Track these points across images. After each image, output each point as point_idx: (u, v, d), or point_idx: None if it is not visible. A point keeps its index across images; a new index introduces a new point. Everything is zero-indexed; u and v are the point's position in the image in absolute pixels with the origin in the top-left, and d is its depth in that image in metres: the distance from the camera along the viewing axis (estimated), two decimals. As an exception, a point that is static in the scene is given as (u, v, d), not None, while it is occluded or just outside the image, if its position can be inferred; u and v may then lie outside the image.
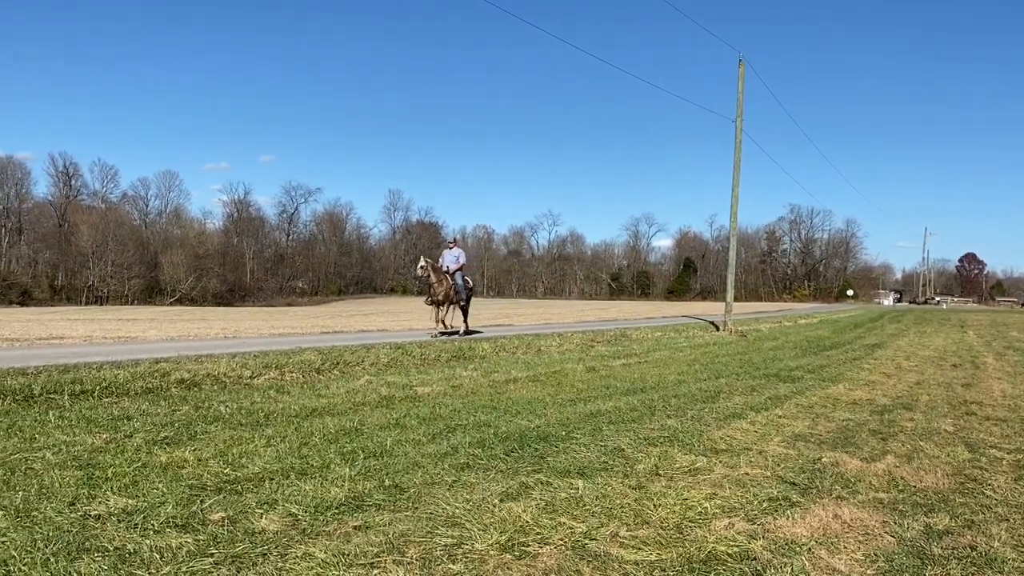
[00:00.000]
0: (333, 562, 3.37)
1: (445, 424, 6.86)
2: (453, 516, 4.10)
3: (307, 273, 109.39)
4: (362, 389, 8.93)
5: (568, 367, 11.79)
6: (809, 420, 7.74)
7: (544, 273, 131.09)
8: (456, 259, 18.42)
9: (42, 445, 5.57)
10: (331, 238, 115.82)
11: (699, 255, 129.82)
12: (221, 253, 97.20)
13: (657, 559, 3.61)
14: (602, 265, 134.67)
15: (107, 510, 4.06)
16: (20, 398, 7.42)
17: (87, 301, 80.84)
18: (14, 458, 5.16)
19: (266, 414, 7.15)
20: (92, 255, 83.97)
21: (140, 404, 7.49)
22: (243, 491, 4.51)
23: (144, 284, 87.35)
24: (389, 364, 11.50)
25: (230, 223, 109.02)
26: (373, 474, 4.97)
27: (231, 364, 10.02)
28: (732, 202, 24.20)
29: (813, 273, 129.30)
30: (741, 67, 24.09)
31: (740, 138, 23.94)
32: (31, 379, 8.12)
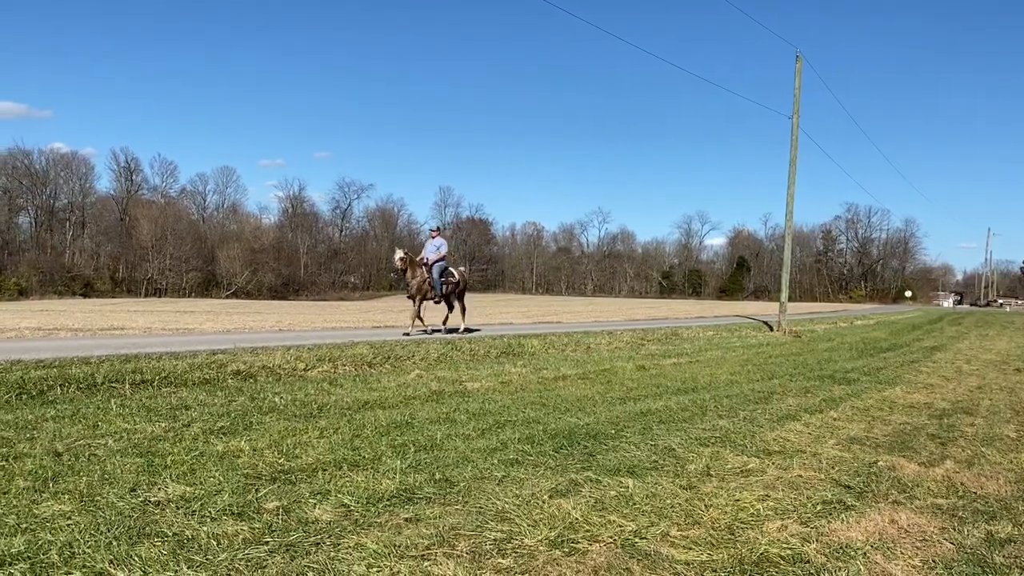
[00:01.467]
0: (385, 553, 3.41)
1: (494, 420, 6.89)
2: (503, 511, 4.12)
3: (359, 268, 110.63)
4: (412, 383, 9.02)
5: (618, 365, 11.73)
6: (865, 423, 7.58)
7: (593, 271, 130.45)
8: (436, 249, 17.00)
9: (104, 432, 5.74)
10: (383, 234, 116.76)
11: (752, 254, 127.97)
12: (276, 248, 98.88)
13: (708, 559, 3.58)
14: (653, 263, 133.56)
15: (166, 497, 4.16)
16: (84, 386, 7.65)
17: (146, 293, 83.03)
18: (78, 444, 5.32)
19: (319, 406, 7.27)
20: (152, 248, 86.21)
21: (197, 394, 7.67)
22: (297, 481, 4.59)
23: (201, 277, 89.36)
24: (439, 359, 11.59)
25: (285, 218, 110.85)
26: (424, 467, 5.02)
27: (286, 356, 10.20)
28: (787, 200, 23.81)
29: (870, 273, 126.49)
30: (798, 63, 23.67)
31: (796, 135, 23.54)
32: (94, 368, 8.37)
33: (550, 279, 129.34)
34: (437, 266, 16.64)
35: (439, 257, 16.83)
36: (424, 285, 16.33)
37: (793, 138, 23.56)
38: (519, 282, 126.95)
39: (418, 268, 16.35)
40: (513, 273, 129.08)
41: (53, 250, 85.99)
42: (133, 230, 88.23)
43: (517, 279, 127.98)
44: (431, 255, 16.78)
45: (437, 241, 17.11)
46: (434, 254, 16.84)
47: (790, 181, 23.66)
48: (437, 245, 16.99)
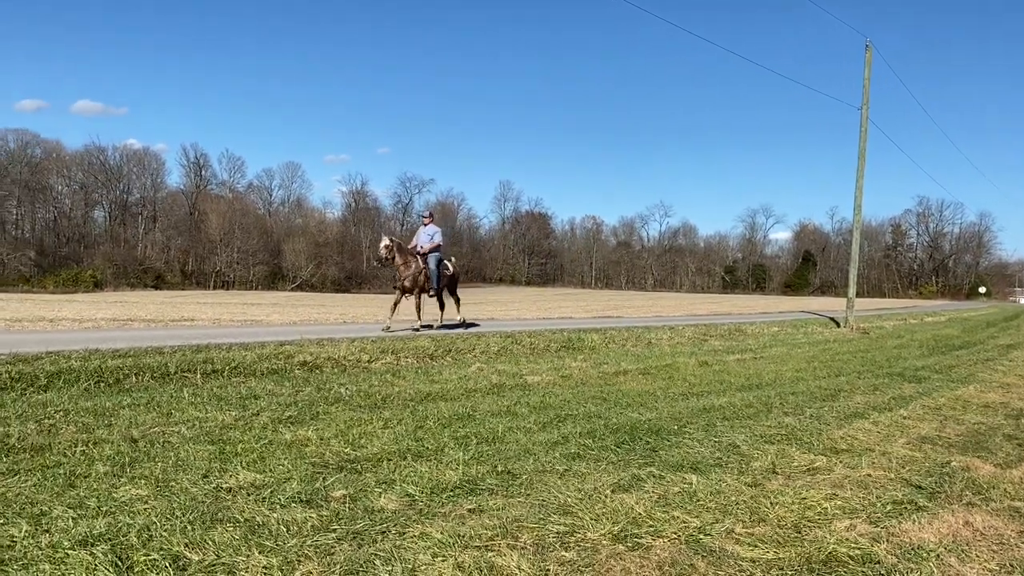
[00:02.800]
0: (449, 543, 3.45)
1: (555, 413, 6.90)
2: (565, 504, 4.13)
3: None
4: (473, 376, 9.08)
5: (680, 361, 11.62)
6: (937, 422, 7.36)
7: (654, 265, 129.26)
8: (431, 237, 15.25)
9: (177, 420, 5.93)
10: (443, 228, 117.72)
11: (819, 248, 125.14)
12: (339, 242, 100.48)
13: (774, 558, 3.53)
14: (715, 258, 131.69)
15: (237, 483, 4.28)
16: (157, 375, 7.90)
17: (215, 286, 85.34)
18: (153, 431, 5.51)
19: (383, 397, 7.38)
20: (220, 242, 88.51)
21: (266, 384, 7.85)
22: (363, 470, 4.67)
23: (267, 270, 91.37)
24: (499, 352, 11.64)
25: (348, 213, 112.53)
26: (486, 459, 5.05)
27: (350, 348, 10.37)
28: (856, 193, 23.22)
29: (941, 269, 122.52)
30: (868, 52, 23.03)
31: (866, 127, 22.92)
32: (167, 358, 8.64)
33: (610, 274, 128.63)
34: (434, 256, 15.06)
35: (434, 246, 15.18)
36: (420, 277, 14.73)
37: (862, 129, 22.95)
38: (578, 276, 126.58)
39: (411, 258, 14.69)
40: (572, 268, 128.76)
41: (126, 243, 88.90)
42: (202, 224, 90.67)
43: (576, 274, 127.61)
44: (425, 243, 15.17)
45: (431, 228, 15.43)
46: (428, 242, 15.18)
47: (859, 174, 23.07)
48: (431, 233, 15.33)
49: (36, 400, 6.45)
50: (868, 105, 23.04)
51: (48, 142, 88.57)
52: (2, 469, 4.37)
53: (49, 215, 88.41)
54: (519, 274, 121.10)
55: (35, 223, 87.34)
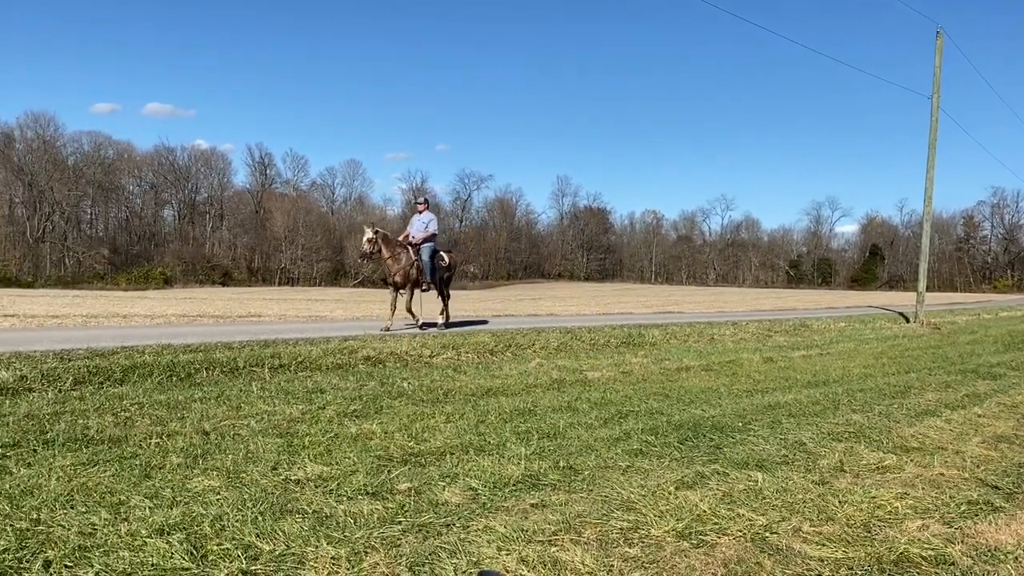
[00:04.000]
0: (513, 537, 3.47)
1: (616, 409, 6.87)
2: (628, 500, 4.11)
3: (478, 258, 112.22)
4: (534, 371, 9.10)
5: (743, 357, 11.45)
6: (1013, 420, 7.11)
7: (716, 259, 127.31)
8: (425, 226, 13.81)
9: (247, 413, 6.08)
10: (501, 224, 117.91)
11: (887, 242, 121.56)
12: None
13: (843, 557, 3.46)
14: (779, 251, 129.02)
15: (305, 475, 4.38)
16: (227, 370, 8.12)
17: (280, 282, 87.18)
18: (224, 424, 5.66)
19: (445, 392, 7.45)
20: (284, 240, 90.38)
21: (331, 378, 8.00)
22: (426, 464, 4.73)
23: (330, 267, 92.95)
24: (559, 348, 11.63)
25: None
26: (548, 454, 5.06)
27: (412, 343, 10.49)
28: (926, 184, 22.52)
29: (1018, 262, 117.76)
30: (939, 39, 22.30)
31: (936, 116, 22.19)
32: (236, 353, 8.86)
33: (670, 268, 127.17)
34: (427, 247, 13.59)
35: (427, 236, 13.72)
36: (411, 270, 13.29)
37: (933, 119, 22.23)
38: (637, 272, 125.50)
39: (400, 249, 13.32)
40: (631, 262, 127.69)
41: (195, 241, 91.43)
42: (267, 222, 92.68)
43: (636, 268, 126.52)
44: (418, 233, 13.74)
45: (425, 216, 14.00)
46: (421, 232, 13.75)
47: (929, 164, 22.36)
48: (425, 221, 13.89)
49: (112, 393, 6.69)
50: (939, 93, 22.32)
51: (120, 143, 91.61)
52: (83, 460, 4.54)
53: (121, 214, 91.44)
54: (577, 269, 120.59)
55: (108, 222, 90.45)
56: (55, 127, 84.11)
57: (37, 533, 3.32)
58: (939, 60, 22.37)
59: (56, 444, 4.86)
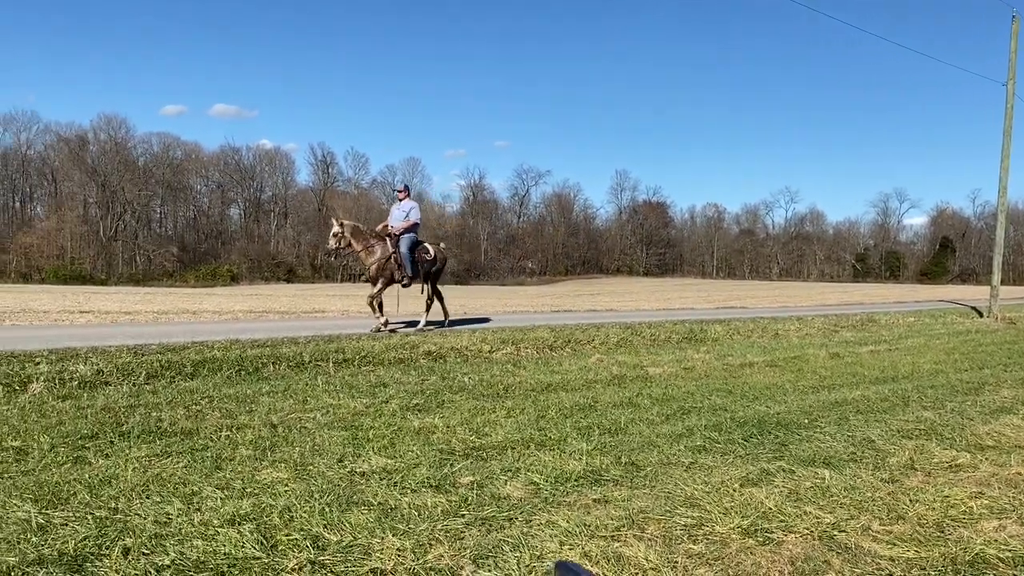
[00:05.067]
0: (576, 532, 3.47)
1: (679, 405, 6.80)
2: (692, 497, 4.07)
3: (536, 254, 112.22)
4: (594, 367, 9.07)
5: (809, 352, 11.22)
6: (1098, 420, 6.82)
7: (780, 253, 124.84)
8: (405, 215, 12.49)
9: (313, 407, 6.21)
10: (559, 219, 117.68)
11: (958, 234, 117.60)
12: (458, 235, 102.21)
13: (915, 557, 3.37)
14: (845, 245, 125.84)
15: (370, 468, 4.45)
16: (293, 364, 8.29)
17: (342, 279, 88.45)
18: (291, 417, 5.79)
19: (505, 387, 7.48)
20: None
21: (393, 373, 8.10)
22: (488, 458, 4.76)
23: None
24: (619, 343, 11.57)
25: (467, 206, 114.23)
26: (609, 450, 5.05)
27: (472, 339, 10.56)
28: (1001, 174, 21.71)
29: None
30: (1014, 24, 21.44)
31: (1011, 103, 21.36)
32: (301, 348, 9.04)
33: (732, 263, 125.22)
34: (406, 238, 12.32)
35: (408, 226, 12.44)
36: (388, 264, 12.17)
37: (1008, 106, 21.40)
38: (699, 266, 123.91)
39: (374, 241, 12.23)
40: (692, 257, 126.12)
41: (260, 239, 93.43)
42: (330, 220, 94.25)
43: (696, 263, 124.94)
44: (397, 223, 12.50)
45: (406, 204, 12.71)
46: (401, 221, 12.49)
47: (1004, 153, 21.55)
48: (406, 210, 12.62)
49: (184, 387, 6.90)
50: (1014, 80, 21.47)
51: (188, 144, 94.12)
52: (156, 451, 4.70)
53: (189, 213, 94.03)
54: (637, 264, 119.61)
55: (177, 221, 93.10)
56: (126, 129, 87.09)
57: (115, 521, 3.45)
58: (1015, 45, 21.52)
59: (131, 436, 5.04)
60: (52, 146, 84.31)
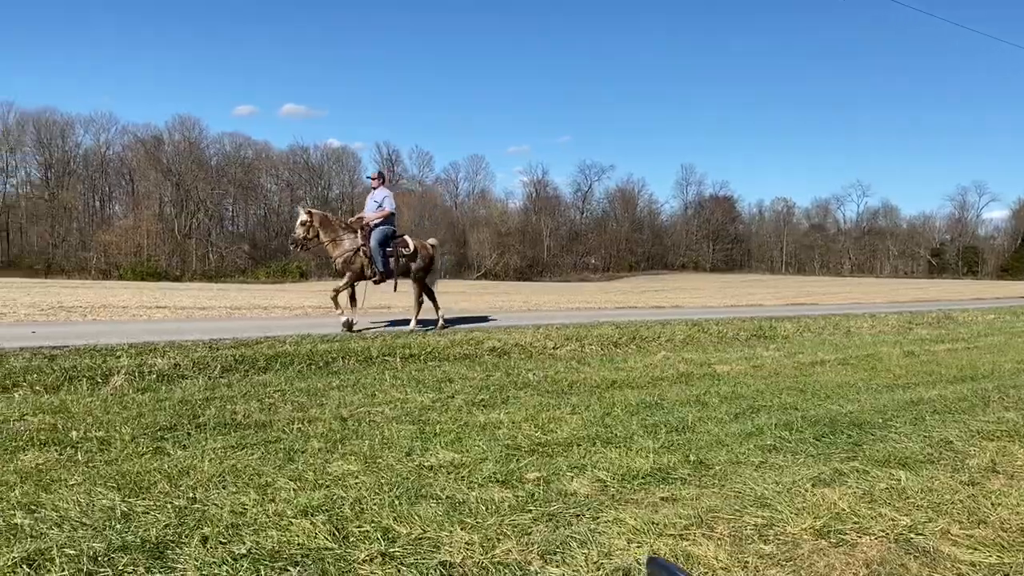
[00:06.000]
0: (644, 530, 3.45)
1: (748, 404, 6.69)
2: (762, 497, 4.00)
3: (599, 249, 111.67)
4: (659, 364, 8.99)
5: (883, 351, 10.92)
6: None
7: (851, 248, 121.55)
8: (378, 205, 11.57)
9: (381, 401, 6.30)
10: (623, 215, 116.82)
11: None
12: (521, 231, 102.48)
13: (998, 562, 3.25)
14: (920, 240, 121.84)
15: (437, 462, 4.50)
16: (361, 359, 8.43)
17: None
18: (360, 411, 5.89)
19: (569, 383, 7.48)
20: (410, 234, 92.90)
21: (458, 368, 8.17)
22: (553, 454, 4.76)
23: (454, 260, 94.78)
24: (685, 341, 11.44)
25: (529, 202, 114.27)
26: (676, 448, 5.00)
27: (535, 335, 10.57)
28: (1089, 166, 20.74)
29: None
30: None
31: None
32: (369, 343, 9.20)
33: (802, 259, 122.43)
34: (377, 231, 11.36)
35: (380, 216, 11.51)
36: (357, 258, 11.18)
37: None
38: (767, 262, 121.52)
39: (343, 233, 11.31)
40: (760, 252, 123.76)
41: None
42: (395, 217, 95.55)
43: (765, 259, 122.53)
44: (369, 213, 11.66)
45: (379, 193, 11.72)
46: (374, 211, 11.58)
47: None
48: (379, 199, 11.64)
49: (257, 381, 7.08)
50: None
51: (258, 143, 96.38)
52: (231, 443, 4.84)
53: (260, 211, 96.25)
54: (703, 260, 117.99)
55: (248, 219, 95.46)
56: (199, 130, 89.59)
57: (194, 511, 3.56)
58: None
59: (207, 428, 5.20)
60: (130, 147, 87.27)
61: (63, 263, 70.91)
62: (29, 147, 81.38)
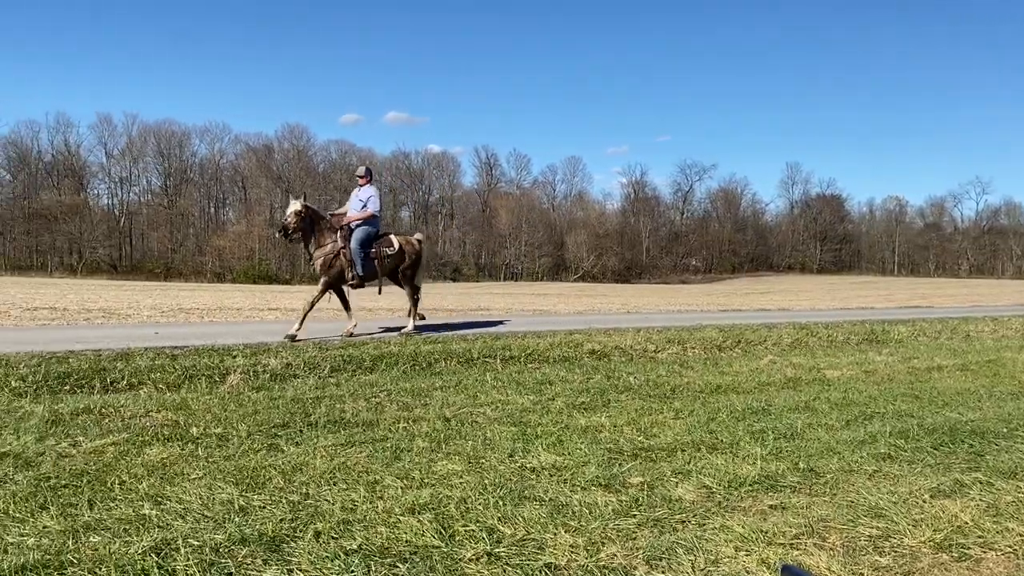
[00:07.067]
0: (752, 538, 3.38)
1: (860, 411, 6.45)
2: (876, 507, 3.85)
3: (701, 251, 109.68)
4: (766, 368, 8.77)
5: (1006, 356, 10.32)
6: None
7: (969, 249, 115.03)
8: (363, 204, 10.90)
9: (482, 402, 6.38)
10: (725, 215, 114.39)
11: None
12: (619, 232, 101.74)
13: None
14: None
15: (539, 464, 4.52)
16: (463, 360, 8.56)
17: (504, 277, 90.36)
18: (462, 412, 5.98)
19: (672, 387, 7.38)
20: (509, 236, 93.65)
21: (558, 370, 8.19)
22: (657, 459, 4.71)
23: (551, 262, 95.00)
24: (793, 344, 11.13)
25: (628, 203, 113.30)
26: (785, 455, 4.87)
27: (636, 338, 10.48)
28: None
29: None
30: None
31: None
32: (470, 344, 9.32)
33: (915, 259, 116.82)
34: (361, 230, 10.67)
35: (364, 216, 10.82)
36: (338, 261, 10.47)
37: None
38: (878, 263, 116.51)
39: (328, 233, 10.60)
40: (871, 253, 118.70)
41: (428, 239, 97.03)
42: (493, 220, 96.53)
43: (875, 260, 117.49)
44: (353, 212, 10.98)
45: (364, 192, 11.03)
46: (357, 211, 10.93)
47: None
48: (363, 198, 10.97)
49: (364, 380, 7.29)
50: None
51: (362, 151, 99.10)
52: (341, 441, 4.99)
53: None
54: (810, 261, 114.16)
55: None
56: (307, 138, 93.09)
57: (307, 506, 3.69)
58: None
59: (318, 426, 5.38)
60: (242, 155, 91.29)
61: (180, 267, 74.81)
62: (150, 157, 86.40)
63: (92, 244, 76.72)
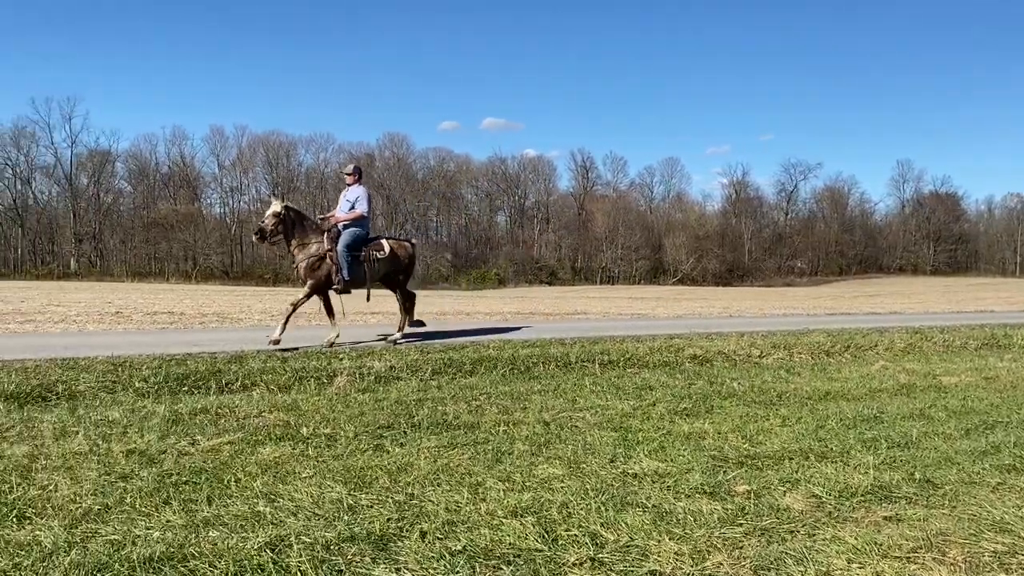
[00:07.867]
0: (865, 550, 3.25)
1: (980, 419, 6.13)
2: (1001, 521, 3.65)
3: (806, 252, 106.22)
4: (877, 374, 8.44)
5: None
6: None
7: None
8: (351, 205, 10.34)
9: (582, 407, 6.37)
10: (832, 215, 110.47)
11: None
12: (720, 234, 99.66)
13: None
14: None
15: (641, 470, 4.47)
16: (560, 364, 8.57)
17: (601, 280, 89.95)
18: (561, 416, 5.98)
19: (778, 394, 7.19)
20: (605, 239, 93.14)
21: (658, 376, 8.09)
22: (763, 467, 4.60)
23: (649, 265, 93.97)
24: (906, 349, 10.67)
25: (729, 204, 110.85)
26: (899, 465, 4.67)
27: (739, 343, 10.26)
28: None
29: None
30: None
31: None
32: (568, 348, 9.32)
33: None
34: (348, 233, 10.11)
35: (353, 217, 10.28)
36: (324, 264, 9.91)
37: None
38: (998, 263, 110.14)
39: (312, 235, 10.01)
40: (990, 253, 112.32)
41: (524, 244, 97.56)
42: (589, 223, 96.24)
43: (995, 260, 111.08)
44: (341, 213, 10.45)
45: (353, 192, 10.43)
46: (346, 211, 10.39)
47: None
48: (351, 199, 10.40)
49: (464, 383, 7.39)
50: None
51: (459, 156, 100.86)
52: (444, 442, 5.07)
53: (461, 221, 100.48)
54: (922, 262, 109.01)
55: (450, 228, 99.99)
56: (407, 146, 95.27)
57: (412, 506, 3.77)
58: None
59: (422, 427, 5.49)
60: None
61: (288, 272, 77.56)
62: (259, 167, 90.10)
63: (206, 251, 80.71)
